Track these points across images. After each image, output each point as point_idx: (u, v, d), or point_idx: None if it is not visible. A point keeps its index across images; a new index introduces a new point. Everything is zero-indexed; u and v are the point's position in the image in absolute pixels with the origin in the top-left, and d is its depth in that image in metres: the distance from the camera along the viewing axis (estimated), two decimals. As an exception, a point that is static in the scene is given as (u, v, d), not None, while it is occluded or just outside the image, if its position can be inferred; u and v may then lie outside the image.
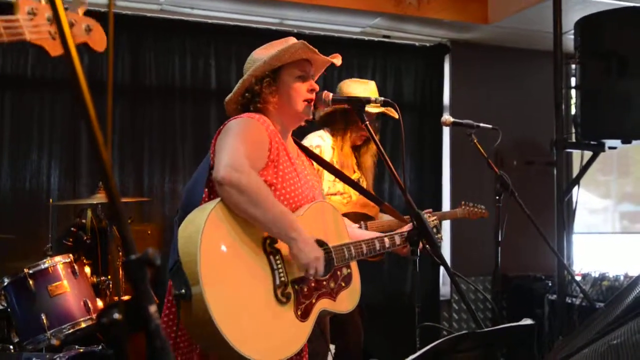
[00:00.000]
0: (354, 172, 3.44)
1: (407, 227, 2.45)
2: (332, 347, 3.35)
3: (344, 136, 3.36)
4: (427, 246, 2.13)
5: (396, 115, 3.36)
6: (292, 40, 2.26)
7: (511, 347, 4.41)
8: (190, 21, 4.78)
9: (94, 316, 3.30)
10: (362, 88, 3.39)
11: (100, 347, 3.13)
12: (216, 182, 1.93)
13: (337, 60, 2.32)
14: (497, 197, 3.34)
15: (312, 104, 2.26)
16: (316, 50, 2.23)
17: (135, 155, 4.57)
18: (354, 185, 2.66)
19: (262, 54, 2.23)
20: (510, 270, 5.08)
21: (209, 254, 1.83)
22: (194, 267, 1.80)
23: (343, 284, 2.25)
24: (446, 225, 5.47)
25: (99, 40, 1.38)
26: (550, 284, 4.87)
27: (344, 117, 3.32)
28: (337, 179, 3.26)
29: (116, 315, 0.87)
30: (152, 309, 0.90)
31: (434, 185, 5.45)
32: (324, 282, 2.15)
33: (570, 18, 4.19)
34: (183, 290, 1.81)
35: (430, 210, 3.43)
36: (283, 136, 2.24)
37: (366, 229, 3.29)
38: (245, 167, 1.95)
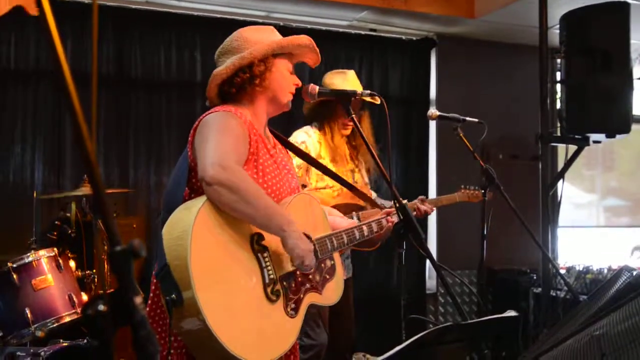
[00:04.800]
0: (348, 162, 3.44)
1: (381, 215, 2.51)
2: None
3: (331, 127, 3.36)
4: (413, 239, 2.14)
5: (377, 101, 3.37)
6: (275, 30, 2.25)
7: (496, 339, 4.45)
8: (176, 13, 4.75)
9: (78, 310, 3.28)
10: (341, 79, 3.41)
11: (85, 341, 3.12)
12: (204, 181, 1.86)
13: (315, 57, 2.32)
14: (483, 191, 3.36)
15: (292, 95, 2.27)
16: (317, 52, 2.24)
17: (120, 147, 4.54)
18: (334, 176, 2.65)
19: (254, 35, 2.17)
20: (496, 263, 5.11)
21: (199, 256, 1.77)
22: (185, 271, 1.74)
23: (327, 276, 2.24)
24: (432, 218, 5.49)
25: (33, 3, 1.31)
26: (535, 277, 4.91)
27: (326, 108, 3.32)
28: None
29: (101, 307, 0.86)
30: (137, 300, 0.89)
31: (420, 178, 5.47)
32: (310, 276, 2.14)
33: (556, 12, 4.21)
34: (174, 295, 1.74)
35: (423, 197, 3.42)
36: (262, 127, 2.20)
37: (359, 219, 3.30)
38: (233, 164, 1.90)
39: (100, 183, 0.92)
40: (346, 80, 3.40)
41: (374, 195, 3.61)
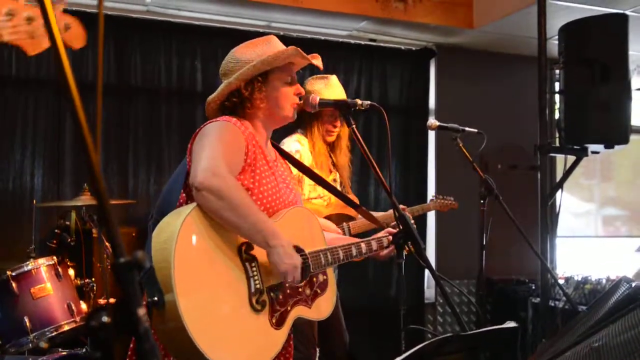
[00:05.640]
0: (331, 171, 3.42)
1: (382, 234, 2.45)
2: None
3: (313, 132, 3.33)
4: (413, 249, 2.14)
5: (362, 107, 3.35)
6: (274, 39, 2.24)
7: (495, 350, 4.44)
8: (177, 22, 4.76)
9: (77, 319, 3.28)
10: (323, 84, 3.36)
11: (84, 350, 3.11)
12: (193, 187, 1.88)
13: (318, 61, 2.29)
14: (482, 201, 3.37)
15: (297, 106, 2.26)
16: (308, 58, 2.21)
17: (120, 156, 4.54)
18: (330, 188, 2.64)
19: (246, 54, 2.17)
20: (495, 273, 5.11)
21: (183, 261, 1.79)
22: (168, 274, 1.76)
23: (319, 291, 2.22)
24: (431, 228, 5.49)
25: (75, 38, 1.35)
26: (533, 287, 4.91)
27: (311, 113, 3.30)
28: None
29: (105, 319, 0.86)
30: (141, 312, 0.90)
31: (419, 188, 5.47)
32: (300, 289, 2.13)
33: (555, 23, 4.23)
34: (156, 298, 1.76)
35: (404, 207, 3.45)
36: (263, 140, 2.21)
37: (349, 229, 3.30)
38: (223, 171, 1.91)
39: (105, 195, 0.93)
40: (328, 85, 3.36)
41: None
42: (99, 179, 0.90)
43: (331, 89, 3.34)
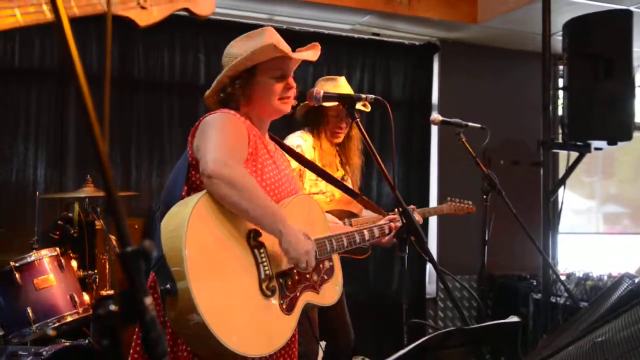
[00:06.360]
0: (337, 169, 3.43)
1: (383, 221, 2.51)
2: (322, 343, 3.36)
3: (320, 133, 3.34)
4: (416, 243, 2.15)
5: (368, 109, 3.36)
6: (268, 32, 2.20)
7: (496, 345, 4.45)
8: (179, 15, 4.73)
9: (80, 310, 3.29)
10: (332, 85, 3.38)
11: (86, 341, 3.12)
12: (204, 176, 1.90)
13: (308, 54, 2.24)
14: (485, 196, 3.37)
15: (290, 100, 2.23)
16: (289, 50, 2.16)
17: (123, 148, 4.55)
18: (332, 179, 2.65)
19: (236, 49, 2.18)
20: (496, 269, 5.12)
21: (194, 248, 1.80)
22: (180, 262, 1.77)
23: (326, 277, 2.25)
24: (433, 223, 5.50)
25: (203, 4, 1.22)
26: (535, 283, 4.92)
27: (318, 114, 3.30)
28: (318, 178, 3.22)
29: (112, 307, 0.87)
30: (148, 300, 0.90)
31: (422, 183, 5.47)
32: (308, 276, 2.15)
33: (559, 19, 4.23)
34: (168, 286, 1.78)
35: (414, 207, 3.45)
36: (261, 130, 2.23)
37: (351, 226, 3.30)
38: (233, 160, 1.94)
39: (112, 182, 0.93)
40: (337, 86, 3.37)
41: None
42: (106, 166, 0.90)
43: (340, 89, 3.34)
